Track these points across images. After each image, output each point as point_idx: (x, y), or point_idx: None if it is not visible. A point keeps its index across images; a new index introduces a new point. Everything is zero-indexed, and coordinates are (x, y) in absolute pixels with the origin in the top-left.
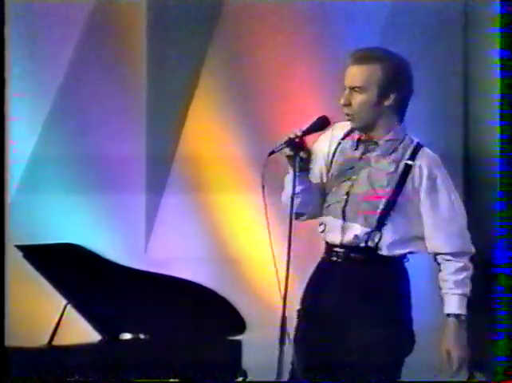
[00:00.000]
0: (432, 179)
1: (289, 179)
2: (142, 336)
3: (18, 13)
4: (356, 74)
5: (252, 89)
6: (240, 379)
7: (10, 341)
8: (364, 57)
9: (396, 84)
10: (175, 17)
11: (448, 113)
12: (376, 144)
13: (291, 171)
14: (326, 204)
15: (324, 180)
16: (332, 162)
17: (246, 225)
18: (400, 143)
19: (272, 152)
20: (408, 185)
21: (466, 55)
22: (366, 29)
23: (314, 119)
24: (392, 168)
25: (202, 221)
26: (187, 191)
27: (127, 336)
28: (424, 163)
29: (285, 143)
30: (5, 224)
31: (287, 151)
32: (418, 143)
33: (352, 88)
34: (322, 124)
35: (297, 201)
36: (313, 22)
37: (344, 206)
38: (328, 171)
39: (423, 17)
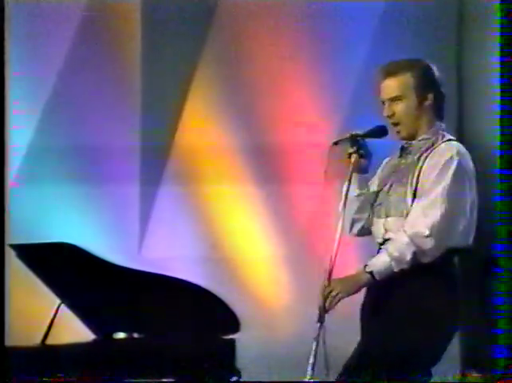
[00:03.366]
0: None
1: (346, 185)
2: (136, 335)
3: (18, 12)
4: (391, 86)
5: (247, 84)
6: (234, 378)
7: (10, 341)
8: (393, 69)
9: (430, 84)
10: (170, 11)
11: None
12: (411, 145)
13: (350, 170)
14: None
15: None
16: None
17: (242, 222)
18: (433, 140)
19: (336, 142)
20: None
21: (460, 50)
22: (360, 26)
23: (373, 126)
24: (420, 163)
25: (196, 219)
26: (182, 185)
27: (120, 335)
28: (439, 152)
29: (348, 138)
30: (6, 223)
31: (348, 147)
32: (449, 139)
33: (392, 99)
34: (380, 132)
35: (354, 206)
36: (308, 20)
37: (386, 206)
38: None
39: (417, 14)
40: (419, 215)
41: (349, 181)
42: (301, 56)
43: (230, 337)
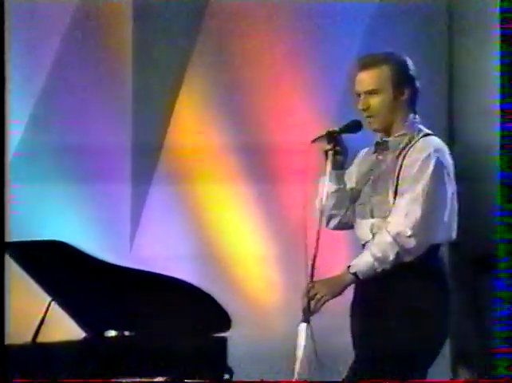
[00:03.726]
0: (411, 163)
1: (323, 181)
2: (127, 333)
3: (18, 12)
4: (367, 79)
5: (239, 83)
6: (226, 376)
7: (11, 340)
8: (370, 61)
9: (407, 78)
10: (162, 10)
11: (433, 107)
12: (388, 142)
13: (328, 166)
14: (354, 209)
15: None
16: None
17: (233, 221)
18: (410, 136)
19: (314, 140)
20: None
21: (450, 49)
22: (351, 27)
23: (348, 121)
24: (399, 162)
25: (188, 218)
26: (174, 184)
27: (111, 333)
28: (417, 149)
29: (324, 135)
30: (5, 222)
31: (325, 144)
32: (427, 134)
33: (368, 92)
34: (356, 127)
35: (331, 202)
36: (298, 20)
37: (370, 207)
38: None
39: (408, 13)
40: (400, 215)
41: (327, 178)
42: (293, 56)
43: (222, 335)
